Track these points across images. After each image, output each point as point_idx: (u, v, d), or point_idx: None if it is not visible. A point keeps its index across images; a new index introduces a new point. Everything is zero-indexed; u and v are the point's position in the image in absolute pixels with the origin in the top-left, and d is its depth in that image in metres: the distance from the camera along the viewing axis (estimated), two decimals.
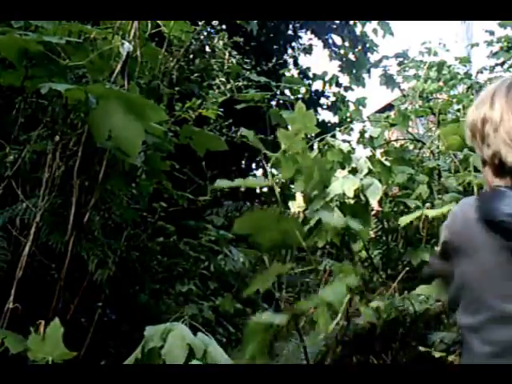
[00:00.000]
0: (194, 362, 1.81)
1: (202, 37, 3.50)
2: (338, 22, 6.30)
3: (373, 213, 3.76)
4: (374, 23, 6.19)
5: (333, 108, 6.26)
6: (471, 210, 1.12)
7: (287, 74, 5.55)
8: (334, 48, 6.51)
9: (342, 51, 6.45)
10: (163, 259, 3.66)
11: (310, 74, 6.40)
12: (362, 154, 3.51)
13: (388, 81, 6.15)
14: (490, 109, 1.12)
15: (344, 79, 6.36)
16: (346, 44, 6.43)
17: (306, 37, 6.50)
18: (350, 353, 2.83)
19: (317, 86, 6.28)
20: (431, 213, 2.89)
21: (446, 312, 3.00)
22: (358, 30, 6.41)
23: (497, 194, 1.10)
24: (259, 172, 6.26)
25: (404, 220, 2.95)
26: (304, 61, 6.63)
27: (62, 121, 2.47)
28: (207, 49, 3.73)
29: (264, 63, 4.24)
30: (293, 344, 3.14)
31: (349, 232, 3.00)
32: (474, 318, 1.10)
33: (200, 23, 3.27)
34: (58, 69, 2.29)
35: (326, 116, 6.38)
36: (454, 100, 4.48)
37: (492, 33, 5.55)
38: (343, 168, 3.12)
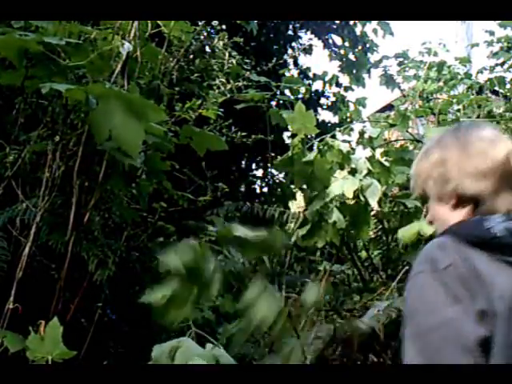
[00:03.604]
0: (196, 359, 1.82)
1: (202, 37, 3.50)
2: (338, 22, 6.30)
3: (373, 213, 3.76)
4: (374, 23, 6.19)
5: (333, 108, 6.26)
6: (460, 248, 1.13)
7: (287, 74, 5.54)
8: (334, 48, 6.51)
9: (342, 51, 6.44)
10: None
11: (310, 74, 6.40)
12: (361, 154, 3.51)
13: (388, 81, 6.16)
14: (444, 151, 1.27)
15: (344, 79, 6.37)
16: (346, 44, 6.43)
17: (306, 37, 6.50)
18: (350, 351, 2.83)
19: (317, 86, 6.29)
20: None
21: None
22: (358, 30, 6.41)
23: (476, 221, 1.17)
24: (259, 172, 6.26)
25: (403, 234, 2.96)
26: (304, 61, 6.63)
27: (62, 121, 2.47)
28: (207, 49, 3.72)
29: (264, 63, 4.24)
30: (292, 343, 3.13)
31: (348, 232, 3.01)
32: None
33: (200, 23, 3.27)
34: (58, 69, 2.29)
35: (326, 116, 6.39)
36: (454, 100, 4.48)
37: (492, 33, 5.54)
38: (342, 168, 3.13)
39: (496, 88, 5.13)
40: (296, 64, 6.53)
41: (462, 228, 1.18)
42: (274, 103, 4.90)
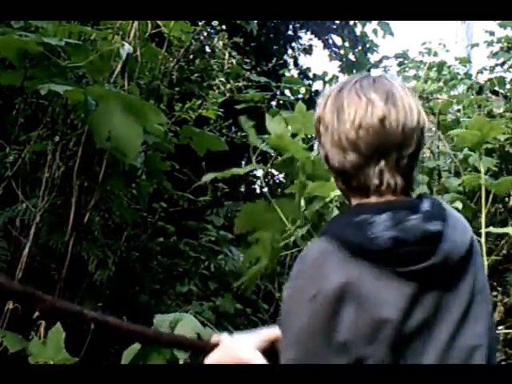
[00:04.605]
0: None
1: (201, 37, 3.50)
2: (338, 22, 6.30)
3: None
4: (374, 23, 6.19)
5: None
6: (340, 261, 1.00)
7: (287, 74, 5.54)
8: (334, 48, 6.50)
9: (342, 51, 6.44)
10: (163, 259, 3.66)
11: (310, 75, 6.40)
12: None
13: None
14: (323, 108, 1.09)
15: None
16: (346, 44, 6.42)
17: (306, 37, 6.49)
18: None
19: (317, 86, 6.28)
20: None
21: None
22: (358, 30, 6.40)
23: (358, 224, 1.01)
24: (259, 172, 6.25)
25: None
26: (304, 61, 6.62)
27: (62, 121, 2.47)
28: (207, 49, 3.72)
29: (264, 63, 4.24)
30: None
31: None
32: None
33: (200, 23, 3.27)
34: (58, 69, 2.30)
35: None
36: (454, 100, 4.47)
37: (492, 33, 5.54)
38: None
39: (496, 88, 5.13)
40: (296, 64, 6.53)
41: (342, 231, 1.02)
42: (274, 103, 4.90)
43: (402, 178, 1.04)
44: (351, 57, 6.39)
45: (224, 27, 3.69)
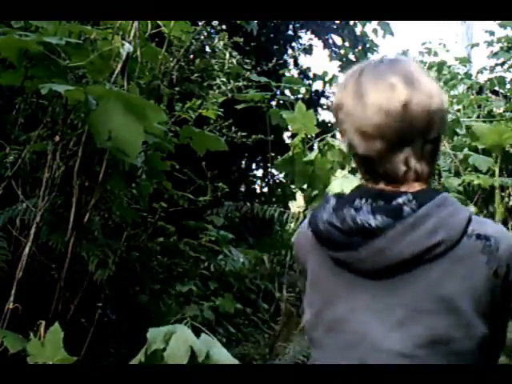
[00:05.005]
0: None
1: (202, 37, 3.50)
2: (338, 22, 6.30)
3: None
4: (374, 23, 6.19)
5: None
6: (306, 240, 1.10)
7: (287, 74, 5.55)
8: (334, 48, 6.51)
9: (342, 51, 6.45)
10: (163, 259, 3.67)
11: (310, 74, 6.41)
12: None
13: None
14: (343, 95, 1.04)
15: None
16: (346, 44, 6.43)
17: (306, 37, 6.51)
18: None
19: (317, 86, 6.29)
20: None
21: None
22: (358, 30, 6.41)
23: (322, 203, 1.06)
24: (259, 172, 6.27)
25: None
26: (304, 61, 6.62)
27: (62, 121, 2.47)
28: (207, 49, 3.73)
29: (264, 63, 4.24)
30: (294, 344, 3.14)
31: None
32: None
33: (200, 23, 3.27)
34: (58, 69, 2.29)
35: (326, 116, 6.39)
36: (454, 100, 4.48)
37: (492, 33, 5.55)
38: (343, 168, 3.12)
39: (496, 88, 5.13)
40: (296, 64, 6.54)
41: (313, 211, 1.08)
42: (274, 103, 4.90)
43: (427, 165, 1.02)
44: (351, 57, 6.39)
45: (224, 27, 3.69)
